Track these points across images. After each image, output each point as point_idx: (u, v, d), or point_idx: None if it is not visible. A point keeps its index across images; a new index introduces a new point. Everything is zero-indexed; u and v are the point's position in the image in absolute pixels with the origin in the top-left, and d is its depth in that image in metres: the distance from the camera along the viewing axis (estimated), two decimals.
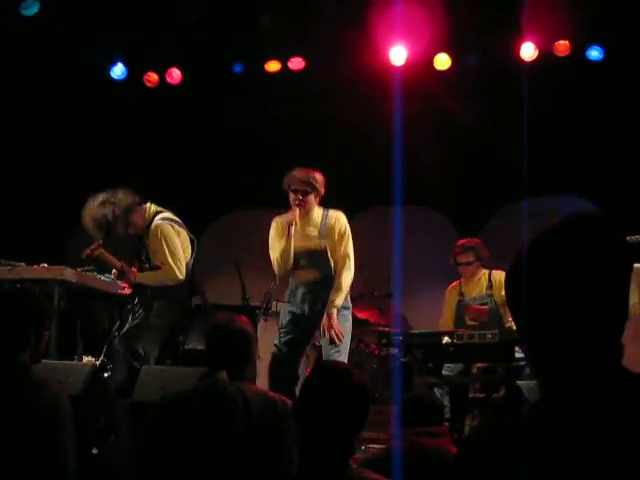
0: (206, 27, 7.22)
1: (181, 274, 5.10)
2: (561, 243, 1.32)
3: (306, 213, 5.01)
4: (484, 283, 5.78)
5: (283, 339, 5.04)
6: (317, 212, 5.08)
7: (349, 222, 5.22)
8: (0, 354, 2.85)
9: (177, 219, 5.29)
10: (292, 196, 4.97)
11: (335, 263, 5.03)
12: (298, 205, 4.94)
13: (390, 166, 6.56)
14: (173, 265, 5.07)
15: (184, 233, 5.26)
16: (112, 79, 7.73)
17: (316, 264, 5.03)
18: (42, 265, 5.26)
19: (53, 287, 5.10)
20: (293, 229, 4.92)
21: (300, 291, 5.07)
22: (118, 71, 7.71)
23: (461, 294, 5.83)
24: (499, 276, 5.77)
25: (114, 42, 7.36)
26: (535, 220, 6.84)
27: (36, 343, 2.94)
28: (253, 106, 7.59)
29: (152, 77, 7.74)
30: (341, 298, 4.95)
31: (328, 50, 7.32)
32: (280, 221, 5.08)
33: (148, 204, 5.23)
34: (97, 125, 7.71)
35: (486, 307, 5.67)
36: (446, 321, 5.82)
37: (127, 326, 5.13)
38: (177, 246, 5.13)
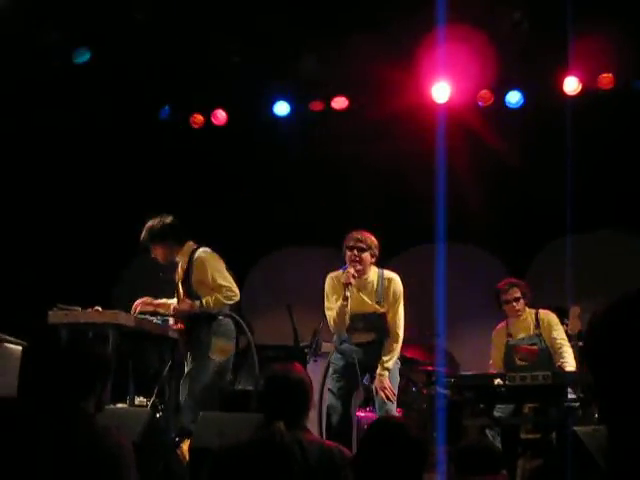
0: (250, 68, 7.39)
1: (237, 291, 5.27)
2: None
3: (362, 272, 5.14)
4: (531, 323, 5.78)
5: (337, 386, 5.13)
6: (373, 273, 5.23)
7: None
8: (67, 402, 2.95)
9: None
10: (349, 254, 5.15)
11: (389, 325, 5.14)
12: (354, 262, 5.09)
13: (434, 204, 6.64)
14: (227, 284, 5.23)
15: (224, 264, 5.40)
16: (160, 121, 7.92)
17: (373, 327, 5.19)
18: (96, 309, 5.38)
19: (107, 331, 5.21)
20: (350, 291, 5.04)
21: (354, 349, 5.19)
22: (165, 113, 7.90)
23: (509, 335, 5.84)
24: (546, 316, 5.78)
25: (161, 85, 7.56)
26: (582, 256, 6.83)
27: (100, 393, 3.03)
28: (298, 146, 7.72)
29: (198, 118, 7.91)
30: (393, 361, 5.13)
31: (371, 89, 7.43)
32: (335, 277, 5.23)
33: (188, 241, 5.46)
34: (145, 167, 7.90)
35: (535, 347, 5.67)
36: (495, 362, 5.83)
37: (190, 365, 5.25)
38: (223, 269, 5.31)
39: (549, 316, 5.77)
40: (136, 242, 5.53)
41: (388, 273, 5.25)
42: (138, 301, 5.46)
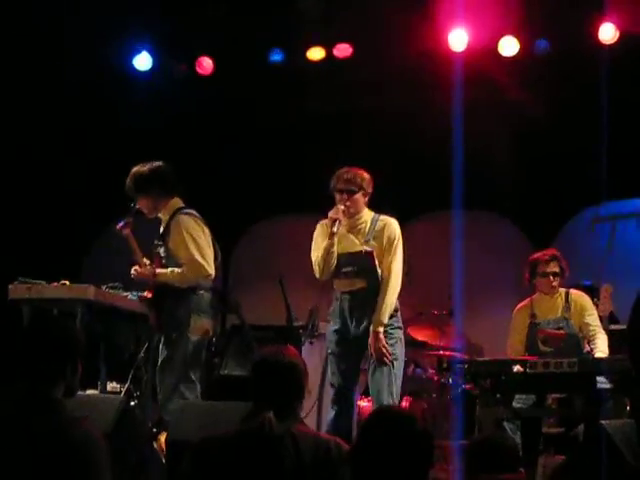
0: (241, 11, 7.33)
1: (211, 269, 5.15)
2: None
3: (353, 214, 5.19)
4: (560, 304, 5.77)
5: (335, 369, 5.17)
6: (366, 215, 5.27)
7: (402, 228, 5.36)
8: (33, 390, 2.94)
9: (202, 218, 5.36)
10: (338, 197, 5.19)
11: (381, 273, 5.14)
12: (344, 206, 5.14)
13: (449, 165, 6.61)
14: (201, 259, 5.12)
15: (208, 232, 5.32)
16: (136, 70, 7.87)
17: (362, 271, 5.16)
18: (63, 282, 5.37)
19: (75, 307, 5.22)
20: (337, 227, 5.08)
21: (345, 304, 5.20)
22: (142, 61, 7.84)
23: (532, 315, 5.83)
24: (579, 298, 5.78)
25: (138, 29, 7.50)
26: (616, 228, 6.81)
27: (71, 377, 3.03)
28: (294, 99, 7.67)
29: (180, 67, 7.86)
30: (386, 314, 5.09)
31: (378, 35, 7.37)
32: (326, 223, 5.24)
33: (176, 197, 5.37)
34: (119, 123, 7.86)
35: (562, 332, 5.68)
36: (515, 346, 5.83)
37: (163, 350, 5.20)
38: (203, 240, 5.21)
39: (582, 298, 5.78)
40: (108, 210, 5.49)
41: (384, 217, 5.29)
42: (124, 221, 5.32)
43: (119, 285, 5.64)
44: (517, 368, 4.98)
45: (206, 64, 7.82)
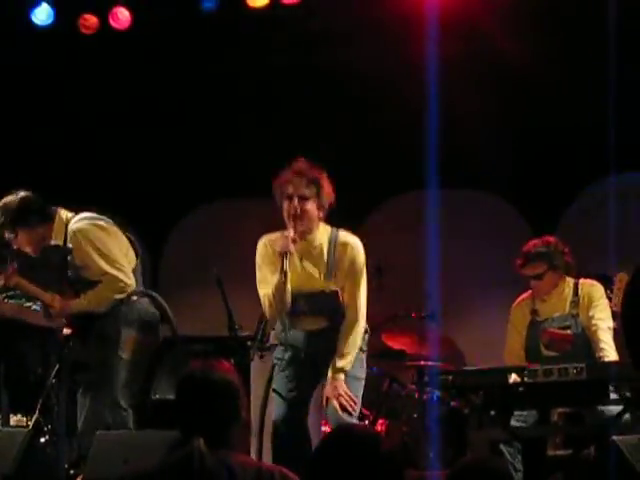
0: None
1: (128, 279, 5.32)
2: None
3: (305, 232, 5.06)
4: (568, 298, 5.78)
5: (287, 388, 5.14)
6: (322, 232, 5.13)
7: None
8: None
9: (102, 217, 5.46)
10: (286, 205, 5.02)
11: (345, 307, 5.11)
12: (294, 218, 4.99)
13: (424, 134, 6.61)
14: (114, 271, 5.27)
15: (115, 230, 5.44)
16: (35, 24, 7.82)
17: (323, 310, 5.13)
18: None
19: None
20: (287, 262, 4.96)
21: (300, 336, 5.18)
22: (42, 14, 7.79)
23: (534, 312, 5.85)
24: (588, 287, 5.78)
25: None
26: (631, 206, 6.86)
27: None
28: (231, 56, 7.67)
29: (90, 21, 7.81)
30: (351, 358, 5.05)
31: None
32: (270, 244, 5.13)
33: (59, 212, 5.44)
34: (15, 89, 7.79)
35: (569, 332, 5.69)
36: (513, 350, 5.85)
37: (90, 371, 5.28)
38: (109, 245, 5.34)
39: (592, 288, 5.78)
40: None
41: (345, 236, 5.13)
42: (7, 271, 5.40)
43: (20, 294, 5.60)
44: (514, 378, 4.98)
45: (122, 16, 7.78)
